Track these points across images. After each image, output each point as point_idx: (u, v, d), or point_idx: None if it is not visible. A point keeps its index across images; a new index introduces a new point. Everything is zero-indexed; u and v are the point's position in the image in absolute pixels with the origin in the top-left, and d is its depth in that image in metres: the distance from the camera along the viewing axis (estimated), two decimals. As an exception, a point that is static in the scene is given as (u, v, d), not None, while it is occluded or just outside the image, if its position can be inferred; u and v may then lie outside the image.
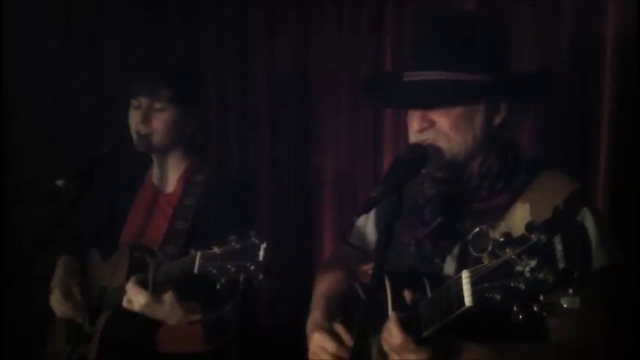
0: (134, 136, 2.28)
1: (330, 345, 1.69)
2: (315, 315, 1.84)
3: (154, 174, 2.43)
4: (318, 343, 1.72)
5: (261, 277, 1.77)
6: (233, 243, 1.80)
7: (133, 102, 2.28)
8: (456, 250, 1.64)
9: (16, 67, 3.18)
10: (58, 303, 2.32)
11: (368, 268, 1.75)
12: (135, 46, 3.22)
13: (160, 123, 2.25)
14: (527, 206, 1.57)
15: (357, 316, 1.74)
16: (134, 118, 2.27)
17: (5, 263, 2.80)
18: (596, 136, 2.14)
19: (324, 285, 1.95)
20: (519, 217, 1.57)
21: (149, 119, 2.25)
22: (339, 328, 1.72)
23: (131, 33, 3.23)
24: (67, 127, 3.28)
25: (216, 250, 1.81)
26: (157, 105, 2.24)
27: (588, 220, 1.53)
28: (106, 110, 3.13)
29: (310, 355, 1.77)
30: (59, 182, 2.18)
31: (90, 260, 2.47)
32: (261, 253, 1.76)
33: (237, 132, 3.12)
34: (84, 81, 3.25)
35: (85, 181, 2.21)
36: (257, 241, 1.78)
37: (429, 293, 1.51)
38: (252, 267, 1.76)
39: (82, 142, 3.15)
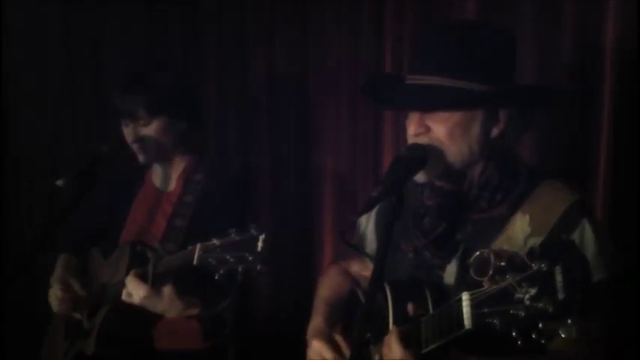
0: (134, 152, 2.31)
1: (328, 354, 1.69)
2: (317, 321, 1.84)
3: (155, 174, 2.44)
4: (317, 351, 1.73)
5: (259, 267, 1.82)
6: (233, 235, 1.85)
7: (122, 122, 2.32)
8: (455, 260, 1.64)
9: (16, 67, 3.18)
10: (56, 298, 2.33)
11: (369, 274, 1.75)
12: (135, 46, 3.22)
13: (150, 136, 2.28)
14: (527, 217, 1.57)
15: (356, 321, 1.74)
16: (128, 137, 2.31)
17: (5, 263, 2.80)
18: (596, 137, 2.14)
19: (326, 290, 1.95)
20: (519, 228, 1.57)
21: (139, 136, 2.28)
22: (338, 338, 1.72)
23: (131, 33, 3.24)
24: (67, 127, 3.28)
25: (215, 242, 1.86)
26: (141, 122, 2.27)
27: (588, 232, 1.53)
28: (106, 110, 3.13)
29: None
30: (59, 182, 2.18)
31: (91, 259, 2.48)
32: (260, 244, 1.81)
33: (237, 132, 3.12)
34: (84, 81, 3.26)
35: (85, 181, 2.22)
36: (256, 233, 1.82)
37: (430, 304, 1.52)
38: (251, 257, 1.81)
39: (82, 142, 3.15)
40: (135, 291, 2.04)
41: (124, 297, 2.07)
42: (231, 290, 2.14)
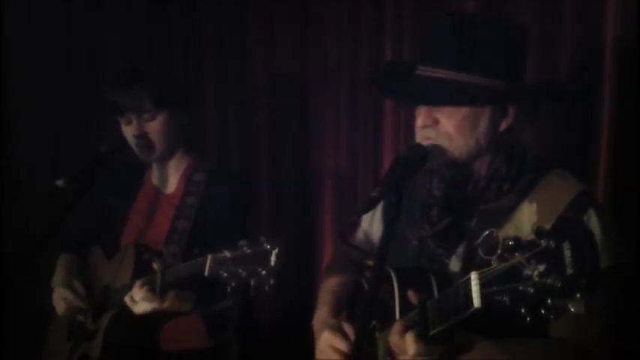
0: (135, 150, 2.28)
1: (342, 345, 1.68)
2: (323, 311, 1.85)
3: (154, 174, 2.43)
4: (328, 342, 1.72)
5: (272, 282, 1.79)
6: (244, 248, 1.81)
7: (122, 119, 2.28)
8: (461, 248, 1.64)
9: (16, 67, 3.18)
10: (60, 299, 2.32)
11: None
12: (135, 46, 3.22)
13: (155, 131, 2.26)
14: (534, 206, 1.58)
15: (358, 311, 1.74)
16: (129, 134, 2.27)
17: (5, 263, 2.80)
18: (597, 137, 2.14)
19: (332, 280, 1.95)
20: (526, 217, 1.57)
21: (144, 131, 2.25)
22: (347, 327, 1.72)
23: (131, 33, 3.24)
24: (67, 127, 3.28)
25: (227, 254, 1.82)
26: (146, 115, 2.24)
27: (594, 221, 1.53)
28: (106, 110, 3.13)
29: (318, 353, 1.77)
30: (59, 182, 2.17)
31: (92, 258, 2.47)
32: (273, 259, 1.78)
33: (237, 131, 3.12)
34: (84, 81, 3.26)
35: (85, 181, 2.21)
36: (268, 247, 1.79)
37: (435, 291, 1.52)
38: (264, 272, 1.78)
39: (82, 142, 3.15)
40: (141, 302, 2.02)
41: (127, 302, 2.05)
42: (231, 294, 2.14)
